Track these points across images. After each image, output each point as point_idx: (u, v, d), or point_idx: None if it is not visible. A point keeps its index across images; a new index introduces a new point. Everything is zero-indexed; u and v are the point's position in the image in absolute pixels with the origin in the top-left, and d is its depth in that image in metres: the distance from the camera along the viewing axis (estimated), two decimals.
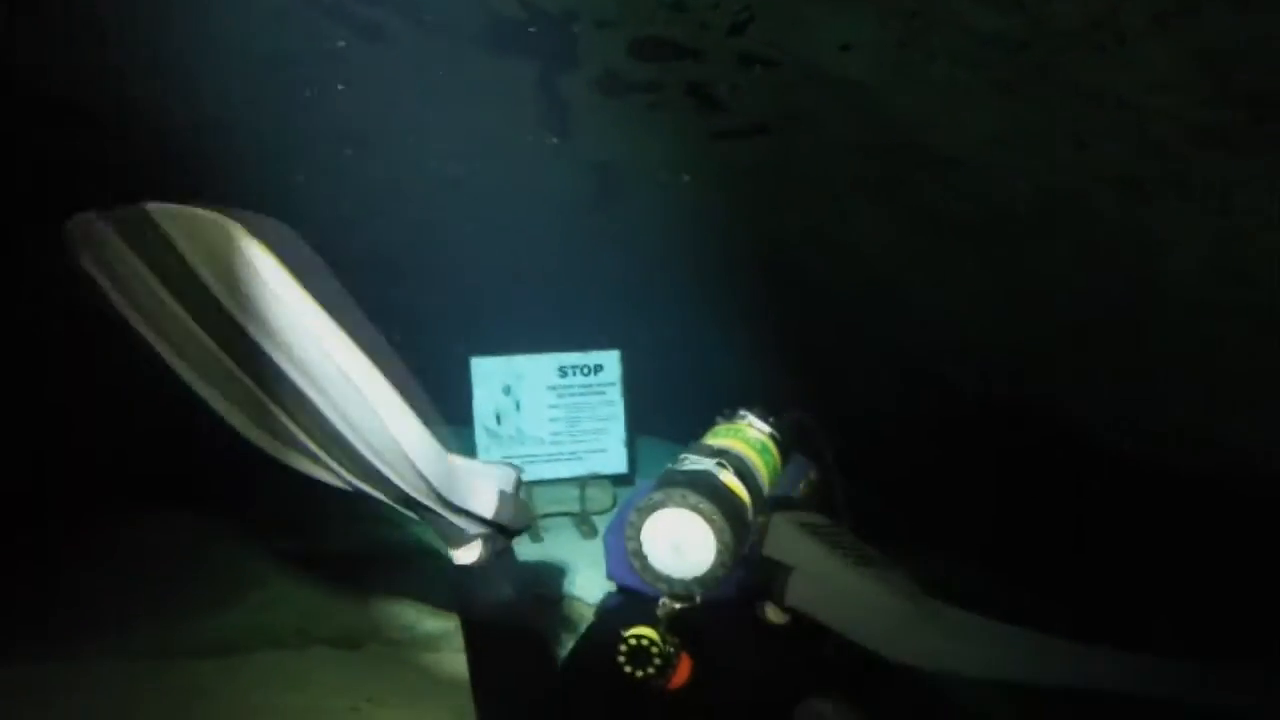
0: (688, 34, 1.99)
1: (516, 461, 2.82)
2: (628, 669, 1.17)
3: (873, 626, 1.09)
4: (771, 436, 1.30)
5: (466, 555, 1.41)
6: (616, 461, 2.95)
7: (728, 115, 2.28)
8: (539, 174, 2.62)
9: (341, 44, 2.14)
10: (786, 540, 1.13)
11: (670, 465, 1.17)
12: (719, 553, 1.06)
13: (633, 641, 1.18)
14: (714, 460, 1.16)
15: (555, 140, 2.42)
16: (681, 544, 1.08)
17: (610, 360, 2.80)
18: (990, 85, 1.79)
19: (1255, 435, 1.84)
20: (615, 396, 2.78)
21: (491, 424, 2.85)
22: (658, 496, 1.09)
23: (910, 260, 2.47)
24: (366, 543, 2.37)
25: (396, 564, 2.28)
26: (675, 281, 2.94)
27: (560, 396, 2.87)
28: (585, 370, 2.77)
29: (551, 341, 2.80)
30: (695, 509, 1.07)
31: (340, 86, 2.23)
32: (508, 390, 2.84)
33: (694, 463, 1.16)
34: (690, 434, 1.34)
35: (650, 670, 1.17)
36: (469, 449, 2.78)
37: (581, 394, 2.78)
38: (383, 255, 2.92)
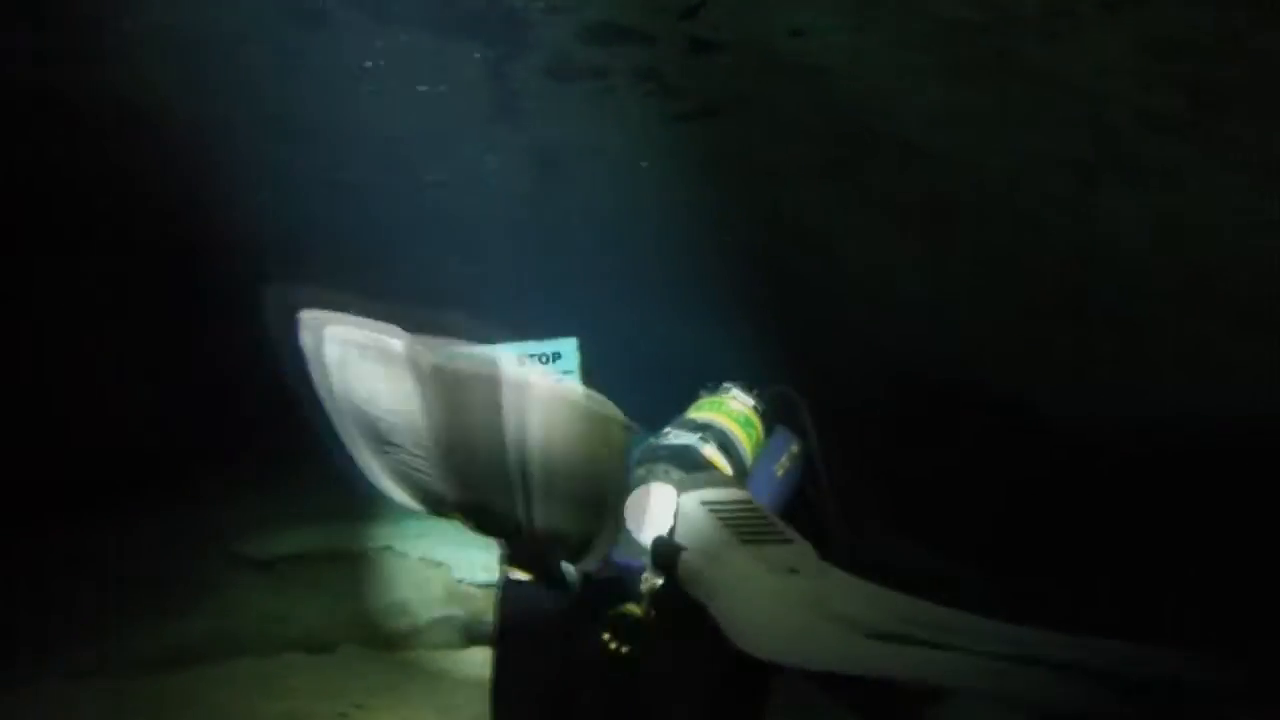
0: (640, 18, 1.96)
1: None
2: (613, 645, 1.16)
3: (747, 616, 1.02)
4: (755, 409, 1.30)
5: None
6: None
7: (679, 100, 2.26)
8: (490, 162, 2.57)
9: (285, 32, 2.05)
10: (688, 518, 1.10)
11: (653, 440, 1.16)
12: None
13: (619, 618, 1.16)
14: (696, 435, 1.15)
15: (506, 128, 2.37)
16: (655, 518, 1.07)
17: (568, 348, 2.75)
18: (945, 70, 1.81)
19: (1195, 409, 1.91)
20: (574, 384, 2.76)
21: None
22: (640, 472, 1.08)
23: (859, 242, 2.50)
24: (319, 543, 2.32)
25: (352, 564, 2.23)
26: (631, 268, 2.92)
27: None
28: (543, 359, 2.73)
29: (512, 331, 2.76)
30: (678, 485, 1.06)
31: (281, 76, 2.14)
32: None
33: (676, 437, 1.16)
34: (649, 422, 1.32)
35: (627, 649, 1.16)
36: None
37: None
38: (330, 251, 2.84)
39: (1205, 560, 1.84)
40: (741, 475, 1.19)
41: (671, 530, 1.13)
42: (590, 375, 2.67)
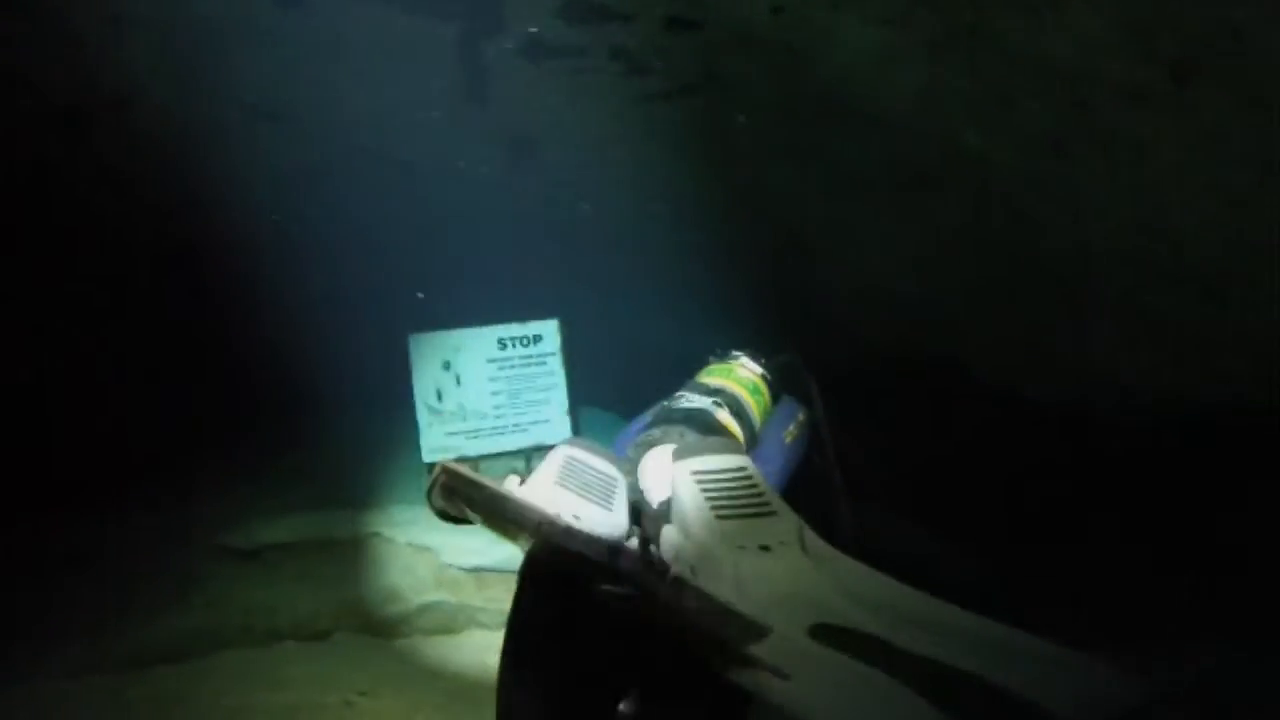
0: None
1: (460, 437, 2.77)
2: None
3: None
4: (763, 377, 1.32)
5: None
6: (560, 431, 2.93)
7: (651, 78, 2.26)
8: (463, 144, 2.53)
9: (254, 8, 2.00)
10: (677, 488, 1.09)
11: (666, 403, 1.16)
12: None
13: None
14: (710, 399, 1.17)
15: (477, 108, 2.34)
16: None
17: (549, 330, 2.76)
18: (920, 46, 1.83)
19: (1167, 381, 1.97)
20: (556, 366, 2.75)
21: (433, 401, 2.78)
22: (656, 433, 1.08)
23: (830, 221, 2.52)
24: (306, 532, 2.28)
25: (340, 551, 2.20)
26: (603, 251, 2.91)
27: (500, 369, 2.82)
28: (524, 341, 2.73)
29: (492, 315, 2.74)
30: (675, 453, 1.07)
31: (252, 55, 2.08)
32: (447, 365, 2.77)
33: (690, 400, 1.17)
34: (628, 407, 1.33)
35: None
36: (411, 428, 2.70)
37: (522, 365, 2.74)
38: (307, 235, 2.79)
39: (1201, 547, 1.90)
40: (752, 441, 1.20)
41: (667, 501, 1.12)
42: (570, 357, 2.66)
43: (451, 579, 2.18)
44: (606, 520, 1.07)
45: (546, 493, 1.06)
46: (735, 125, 2.30)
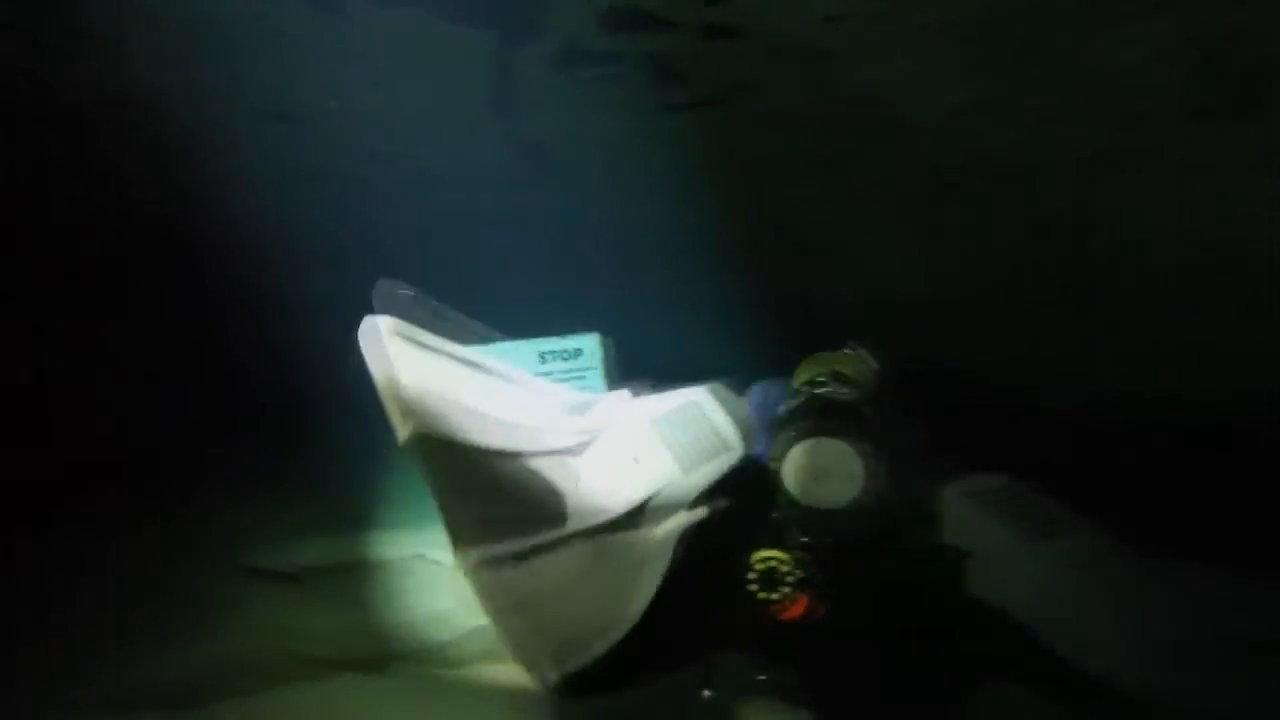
0: (664, 3, 1.93)
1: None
2: (754, 589, 1.14)
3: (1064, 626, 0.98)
4: (876, 371, 1.32)
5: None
6: None
7: (683, 88, 2.25)
8: (488, 154, 2.48)
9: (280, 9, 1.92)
10: (958, 518, 1.11)
11: (807, 389, 1.14)
12: (864, 488, 1.05)
13: (764, 564, 1.15)
14: (855, 391, 1.16)
15: (507, 118, 2.30)
16: (827, 472, 1.07)
17: (590, 343, 2.68)
18: (972, 58, 1.86)
19: (1199, 393, 2.02)
20: (597, 380, 2.68)
21: None
22: (811, 424, 1.06)
23: (855, 232, 2.54)
24: (345, 553, 2.19)
25: (381, 574, 2.11)
26: (624, 263, 2.89)
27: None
28: (565, 355, 2.66)
29: (528, 328, 2.66)
30: (852, 441, 1.06)
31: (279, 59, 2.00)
32: None
33: (837, 393, 1.15)
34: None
35: (776, 595, 1.15)
36: None
37: (563, 379, 2.68)
38: (336, 246, 2.69)
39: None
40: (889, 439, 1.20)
41: (933, 522, 1.12)
42: (612, 371, 2.63)
43: None
44: (667, 476, 1.07)
45: (636, 424, 1.07)
46: (763, 135, 2.31)
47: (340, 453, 2.70)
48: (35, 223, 2.21)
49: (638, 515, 1.18)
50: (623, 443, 1.04)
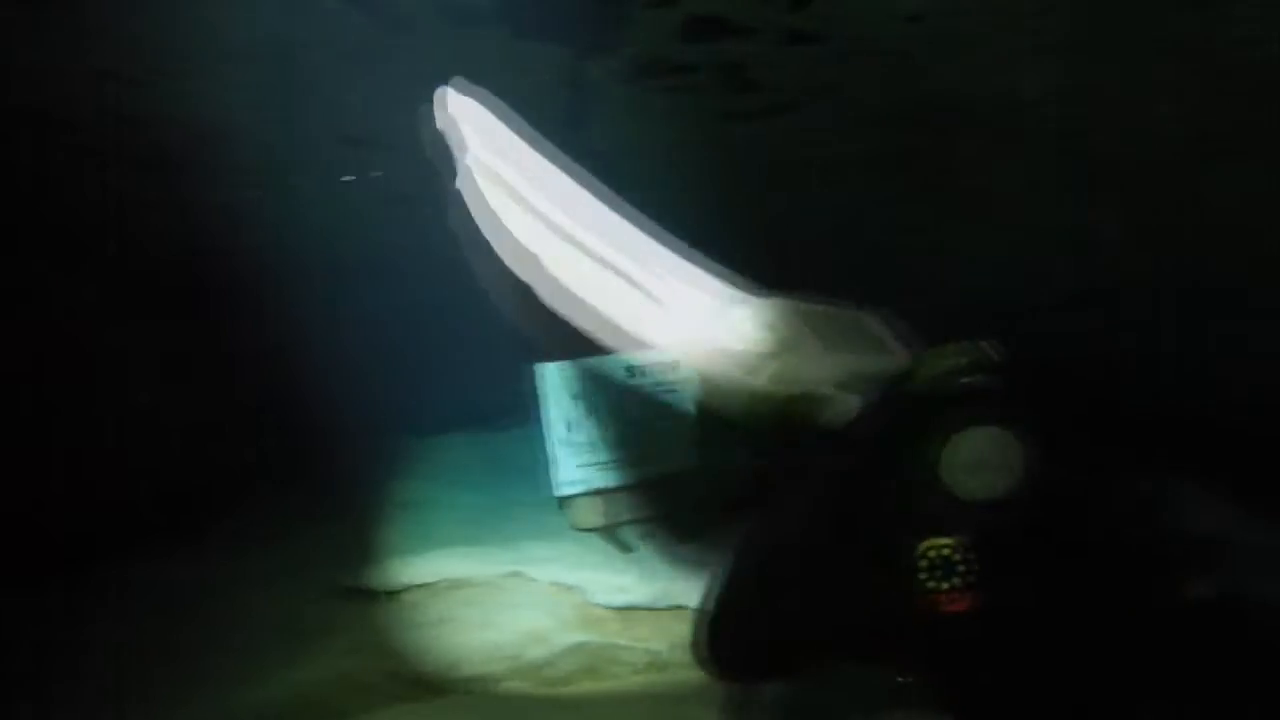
0: (746, 11, 1.91)
1: (592, 469, 2.63)
2: (923, 578, 1.09)
3: None
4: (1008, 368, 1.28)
5: None
6: (693, 460, 2.75)
7: (756, 95, 2.23)
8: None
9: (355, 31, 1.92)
10: (1193, 506, 1.05)
11: (957, 375, 1.10)
12: (1022, 479, 1.02)
13: (935, 552, 1.10)
14: (1006, 381, 1.12)
15: (576, 128, 2.29)
16: (985, 463, 1.03)
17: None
18: (1057, 44, 1.83)
19: None
20: (686, 394, 2.64)
21: (563, 433, 2.66)
22: (971, 412, 1.02)
23: (913, 230, 2.51)
24: (443, 572, 2.15)
25: (481, 592, 2.08)
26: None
27: (630, 398, 2.68)
28: (654, 369, 2.63)
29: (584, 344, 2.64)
30: (1015, 431, 1.02)
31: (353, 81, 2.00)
32: (576, 396, 2.65)
33: (990, 382, 1.11)
34: None
35: (945, 586, 1.10)
36: (540, 457, 2.55)
37: (652, 393, 2.64)
38: (399, 260, 2.67)
39: None
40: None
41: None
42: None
43: (598, 617, 2.07)
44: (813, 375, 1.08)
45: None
46: (841, 137, 2.28)
47: (435, 471, 2.68)
48: (127, 255, 2.22)
49: None
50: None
